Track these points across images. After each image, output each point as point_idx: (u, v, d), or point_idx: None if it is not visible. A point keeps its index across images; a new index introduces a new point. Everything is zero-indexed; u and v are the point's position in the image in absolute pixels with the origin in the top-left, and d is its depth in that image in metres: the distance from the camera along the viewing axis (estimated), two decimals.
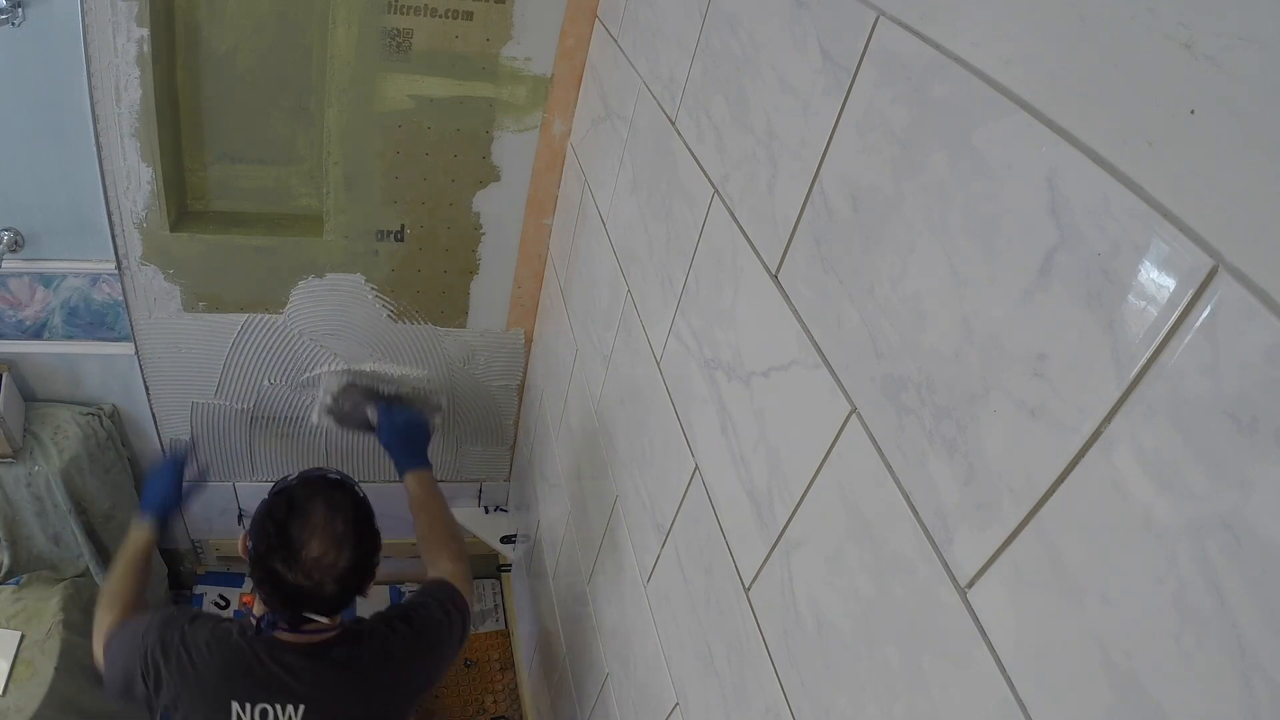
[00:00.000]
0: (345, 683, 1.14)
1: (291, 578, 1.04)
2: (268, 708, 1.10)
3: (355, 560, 1.07)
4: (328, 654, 1.13)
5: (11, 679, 1.59)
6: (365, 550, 1.09)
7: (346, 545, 1.06)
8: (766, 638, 0.84)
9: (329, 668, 1.13)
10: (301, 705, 1.11)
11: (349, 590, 1.08)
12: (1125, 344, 0.45)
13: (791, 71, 0.82)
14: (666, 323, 1.12)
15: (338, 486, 1.12)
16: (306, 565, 1.04)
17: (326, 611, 1.08)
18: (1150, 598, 0.43)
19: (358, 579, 1.09)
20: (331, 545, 1.05)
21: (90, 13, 1.31)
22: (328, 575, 1.05)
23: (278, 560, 1.04)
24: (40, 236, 1.55)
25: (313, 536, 1.05)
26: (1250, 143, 0.39)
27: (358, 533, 1.08)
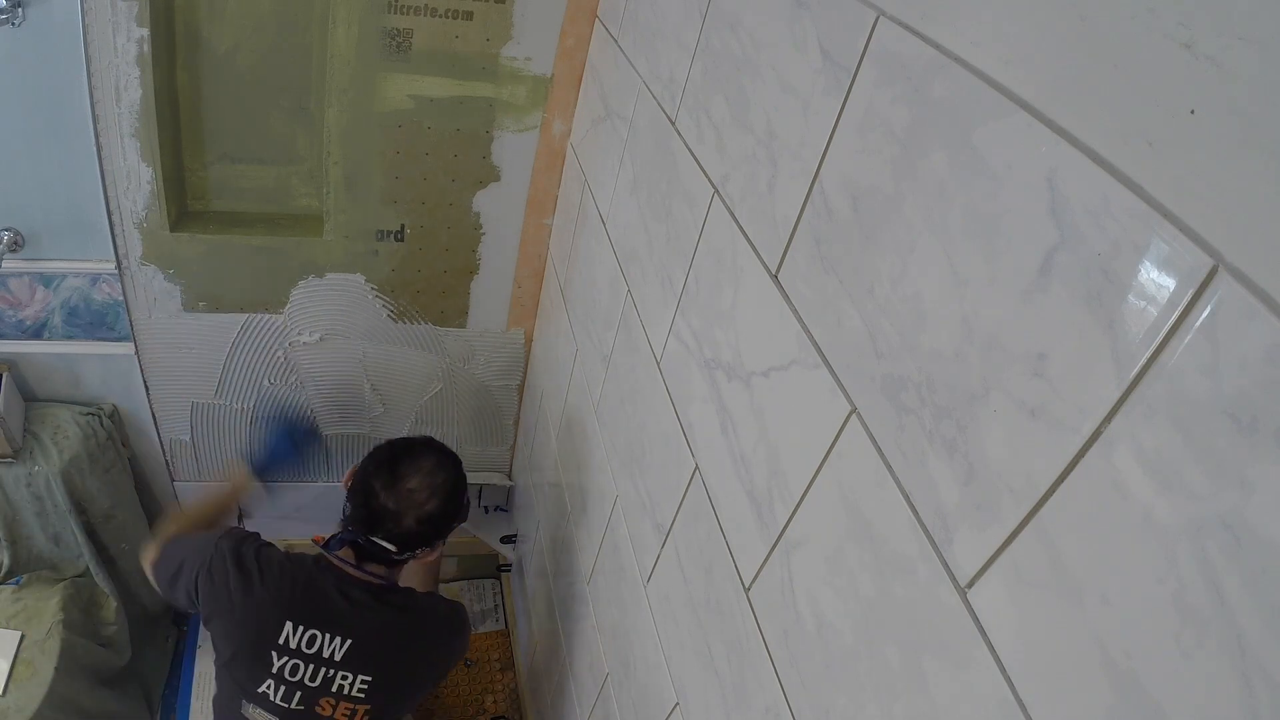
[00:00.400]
0: (392, 626, 1.23)
1: (383, 498, 1.17)
2: (316, 634, 1.18)
3: (440, 510, 1.19)
4: (385, 596, 1.23)
5: (11, 679, 1.59)
6: (450, 509, 1.21)
7: (439, 494, 1.19)
8: (766, 638, 0.84)
9: (384, 608, 1.22)
10: (349, 640, 1.19)
11: (422, 534, 1.19)
12: (1125, 344, 0.45)
13: (791, 71, 0.82)
14: (666, 323, 1.12)
15: (445, 451, 1.26)
16: (400, 493, 1.17)
17: (397, 541, 1.18)
18: (1150, 598, 0.43)
19: (433, 528, 1.20)
20: (428, 488, 1.18)
21: (90, 13, 1.31)
22: (413, 509, 1.17)
23: (379, 480, 1.17)
24: (40, 236, 1.55)
25: (416, 474, 1.18)
26: (1250, 143, 0.39)
27: (450, 491, 1.21)
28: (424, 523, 1.19)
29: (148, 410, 1.87)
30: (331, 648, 1.19)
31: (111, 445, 1.83)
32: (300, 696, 1.20)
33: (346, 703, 1.22)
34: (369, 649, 1.21)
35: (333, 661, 1.19)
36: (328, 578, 1.20)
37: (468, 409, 2.08)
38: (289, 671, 1.19)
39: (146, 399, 1.84)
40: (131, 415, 1.88)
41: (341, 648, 1.19)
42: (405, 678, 1.27)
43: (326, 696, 1.21)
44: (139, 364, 1.77)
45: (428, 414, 2.06)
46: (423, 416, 2.06)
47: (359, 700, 1.22)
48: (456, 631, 1.35)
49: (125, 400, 1.84)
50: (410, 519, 1.18)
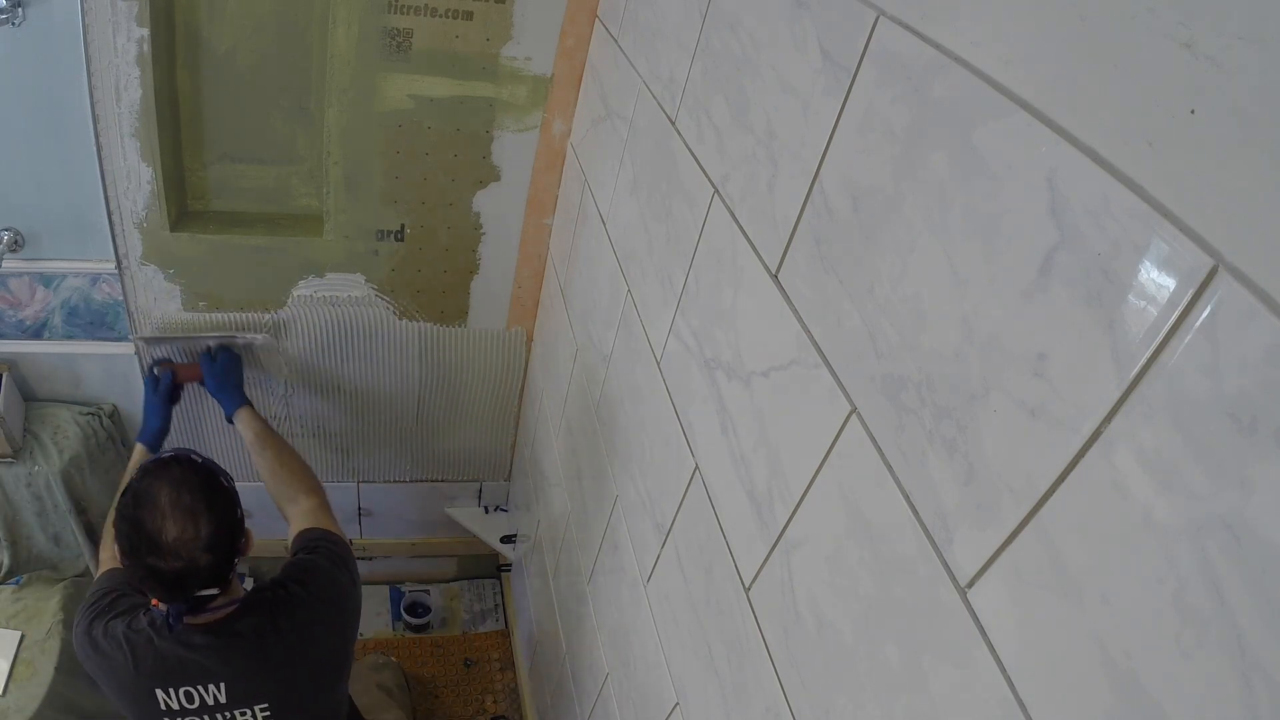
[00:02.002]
0: (255, 654, 1.16)
1: (165, 565, 1.04)
2: (191, 690, 1.13)
3: (215, 525, 1.06)
4: (232, 628, 1.14)
5: (11, 679, 1.59)
6: (220, 512, 1.08)
7: (201, 514, 1.05)
8: (766, 637, 0.84)
9: (236, 641, 1.14)
10: (222, 683, 1.13)
11: (224, 556, 1.08)
12: (1125, 344, 0.45)
13: (791, 71, 0.82)
14: (666, 322, 1.12)
15: (173, 463, 1.11)
16: (171, 548, 1.03)
17: (213, 583, 1.08)
18: (1150, 598, 0.43)
19: (228, 541, 1.09)
20: (186, 520, 1.04)
21: (90, 13, 1.31)
22: (195, 549, 1.04)
23: (145, 555, 1.04)
24: (40, 236, 1.55)
25: (165, 519, 1.04)
26: (1250, 143, 0.39)
27: (207, 499, 1.07)
28: (214, 546, 1.06)
29: None
30: (210, 694, 1.13)
31: (111, 445, 1.83)
32: None
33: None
34: (246, 681, 1.15)
35: (220, 705, 1.14)
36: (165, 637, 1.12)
37: (468, 408, 2.08)
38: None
39: None
40: (131, 415, 1.88)
41: (220, 691, 1.13)
42: (302, 681, 1.21)
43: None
44: (139, 364, 1.77)
45: (427, 414, 2.06)
46: (422, 416, 2.06)
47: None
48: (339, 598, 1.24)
49: (125, 400, 1.84)
50: (202, 559, 1.05)
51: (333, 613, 1.24)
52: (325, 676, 1.26)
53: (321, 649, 1.23)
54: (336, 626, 1.25)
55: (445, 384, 2.01)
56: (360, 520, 2.28)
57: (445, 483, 2.26)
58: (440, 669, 2.26)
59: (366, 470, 2.15)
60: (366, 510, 2.26)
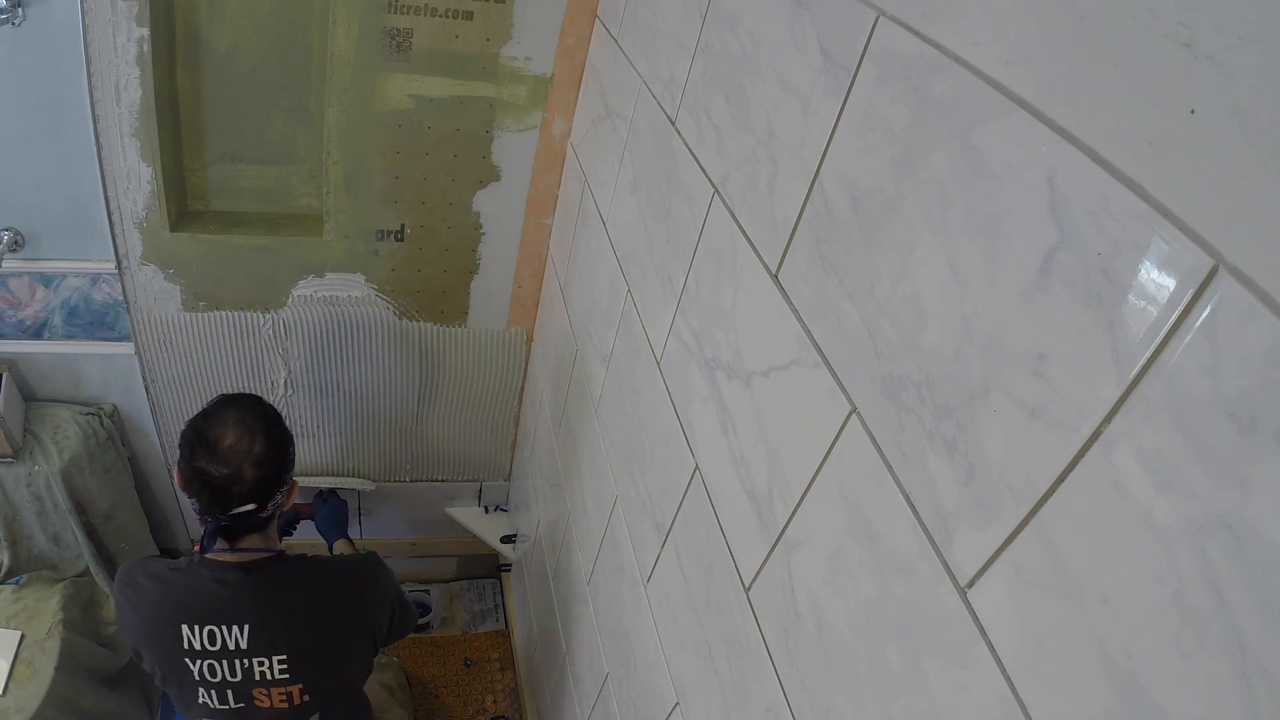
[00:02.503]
0: (283, 598, 1.21)
1: (214, 470, 1.13)
2: (215, 629, 1.17)
3: (268, 446, 1.16)
4: (266, 570, 1.20)
5: (11, 679, 1.59)
6: (276, 438, 1.19)
7: (258, 433, 1.16)
8: (766, 637, 0.84)
9: (269, 582, 1.20)
10: (246, 625, 1.18)
11: (268, 477, 1.16)
12: (1125, 344, 0.45)
13: (792, 71, 0.82)
14: (666, 322, 1.12)
15: (244, 396, 1.23)
16: (224, 454, 1.13)
17: (253, 498, 1.15)
18: (1150, 598, 0.43)
19: (274, 465, 1.17)
20: (244, 434, 1.15)
21: (90, 12, 1.31)
22: (245, 460, 1.14)
23: (201, 458, 1.13)
24: (40, 236, 1.55)
25: (227, 430, 1.15)
26: (1250, 143, 0.39)
27: (266, 423, 1.18)
28: (262, 465, 1.15)
29: (148, 410, 1.87)
30: (233, 637, 1.17)
31: (111, 445, 1.83)
32: (233, 694, 1.20)
33: (277, 688, 1.21)
34: (269, 629, 1.19)
35: (241, 651, 1.18)
36: (201, 573, 1.18)
37: (468, 408, 2.08)
38: (209, 673, 1.18)
39: (146, 399, 1.84)
40: (131, 415, 1.88)
41: (243, 636, 1.18)
42: (321, 644, 1.25)
43: (256, 687, 1.20)
44: (139, 364, 1.77)
45: (427, 414, 2.06)
46: (422, 416, 2.06)
47: (285, 681, 1.21)
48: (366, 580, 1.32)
49: (125, 400, 1.84)
50: (248, 471, 1.14)
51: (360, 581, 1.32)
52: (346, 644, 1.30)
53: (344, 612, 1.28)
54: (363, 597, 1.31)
55: (445, 384, 2.01)
56: (360, 520, 2.28)
57: (445, 483, 2.26)
58: (440, 669, 2.26)
59: (366, 470, 2.15)
60: (366, 510, 2.26)
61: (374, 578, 1.34)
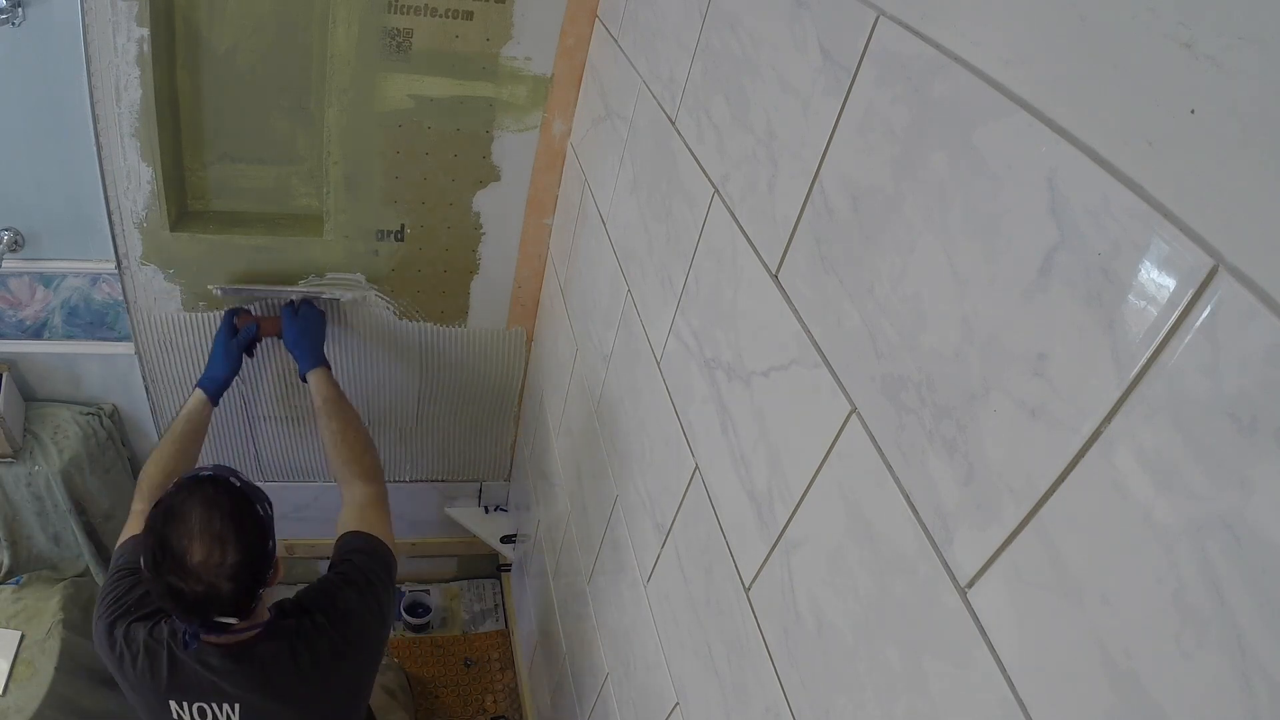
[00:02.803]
0: (273, 683, 1.14)
1: (186, 587, 1.01)
2: (205, 706, 1.11)
3: (243, 554, 1.04)
4: (252, 653, 1.12)
5: (11, 679, 1.59)
6: (250, 542, 1.05)
7: (230, 541, 1.03)
8: (766, 637, 0.84)
9: (256, 668, 1.12)
10: (237, 704, 1.12)
11: (246, 586, 1.05)
12: (1125, 344, 0.45)
13: (792, 71, 0.82)
14: (666, 322, 1.12)
15: (209, 483, 1.08)
16: (195, 570, 1.01)
17: (233, 611, 1.05)
18: (1150, 597, 0.43)
19: (252, 571, 1.05)
20: (214, 544, 1.02)
21: (90, 12, 1.31)
22: (219, 575, 1.02)
23: (168, 573, 1.01)
24: (40, 236, 1.55)
25: (193, 540, 1.01)
26: (1250, 143, 0.39)
27: (237, 526, 1.04)
28: (238, 575, 1.03)
29: (148, 410, 1.87)
30: (225, 712, 1.12)
31: (111, 445, 1.83)
32: None
33: None
34: (260, 707, 1.13)
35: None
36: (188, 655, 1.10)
37: (468, 408, 2.08)
38: None
39: (146, 399, 1.84)
40: (131, 415, 1.88)
41: (235, 712, 1.12)
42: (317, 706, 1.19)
43: None
44: (139, 364, 1.77)
45: (427, 414, 2.06)
46: (422, 416, 2.06)
47: None
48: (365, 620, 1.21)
49: (125, 400, 1.84)
50: (225, 585, 1.02)
51: (356, 648, 1.21)
52: (344, 707, 1.24)
53: (342, 683, 1.20)
54: (359, 662, 1.23)
55: (445, 384, 2.01)
56: None
57: (445, 483, 2.26)
58: (440, 669, 2.26)
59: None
60: None
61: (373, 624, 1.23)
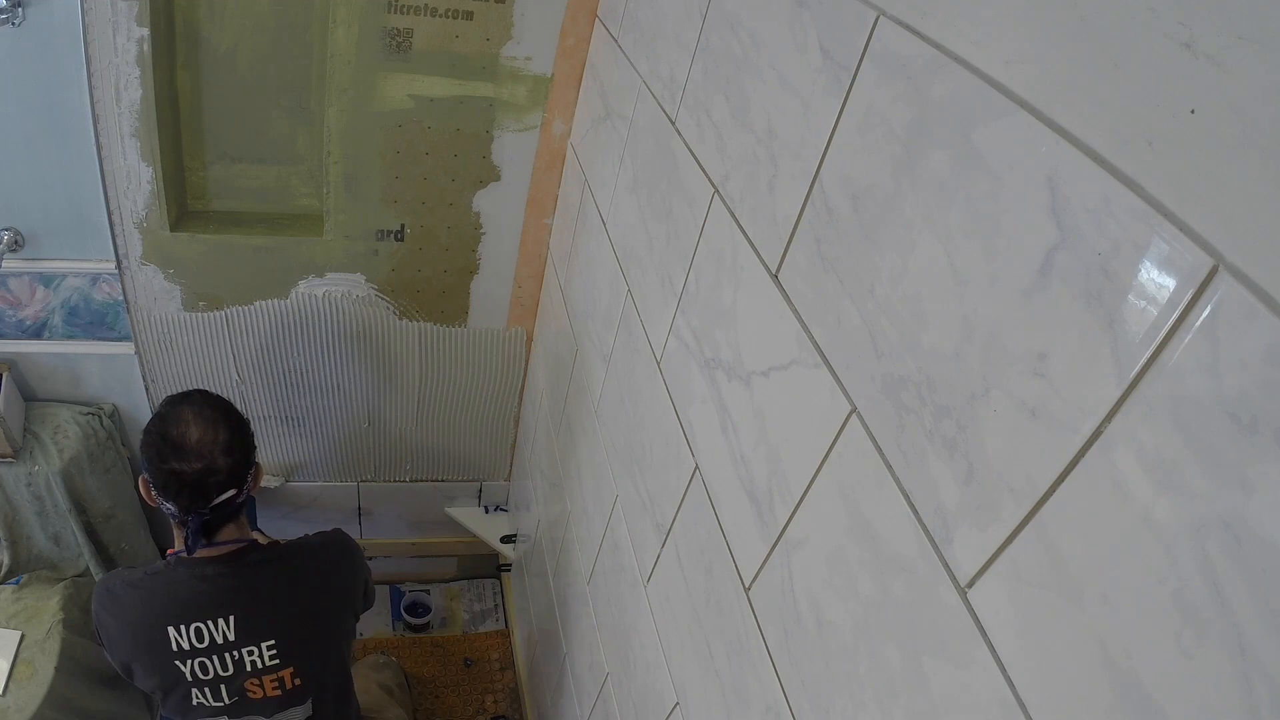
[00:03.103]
0: (263, 582, 1.23)
1: (187, 467, 1.14)
2: (201, 626, 1.18)
3: (232, 431, 1.18)
4: (244, 558, 1.22)
5: (11, 679, 1.59)
6: (236, 422, 1.20)
7: (220, 422, 1.18)
8: (766, 637, 0.84)
9: (248, 569, 1.22)
10: (231, 616, 1.19)
11: (239, 462, 1.18)
12: (1125, 343, 0.45)
13: (792, 71, 0.82)
14: (666, 322, 1.12)
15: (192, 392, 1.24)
16: (194, 449, 1.14)
17: (231, 484, 1.18)
18: (1150, 597, 0.43)
19: (242, 449, 1.20)
20: (208, 425, 1.16)
21: (90, 12, 1.31)
22: (216, 450, 1.15)
23: (171, 459, 1.14)
24: (40, 236, 1.55)
25: (189, 426, 1.15)
26: (1250, 143, 0.39)
27: (224, 411, 1.20)
28: (232, 450, 1.17)
29: (148, 410, 1.87)
30: (220, 630, 1.18)
31: (111, 445, 1.83)
32: (226, 690, 1.21)
33: (268, 675, 1.22)
34: (255, 616, 1.20)
35: (229, 643, 1.19)
36: (179, 573, 1.19)
37: (468, 408, 2.08)
38: (200, 671, 1.19)
39: (146, 399, 1.84)
40: (131, 415, 1.88)
41: (229, 627, 1.19)
42: (307, 624, 1.27)
43: (248, 679, 1.21)
44: (139, 364, 1.77)
45: (427, 414, 2.06)
46: (422, 416, 2.06)
47: (275, 667, 1.23)
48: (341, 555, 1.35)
49: (125, 400, 1.84)
50: (221, 459, 1.16)
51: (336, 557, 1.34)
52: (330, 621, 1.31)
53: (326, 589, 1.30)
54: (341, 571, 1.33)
55: (445, 384, 2.01)
56: (360, 520, 2.28)
57: (445, 483, 2.26)
58: (440, 669, 2.26)
59: (366, 470, 2.15)
60: (366, 510, 2.26)
61: (348, 553, 1.37)
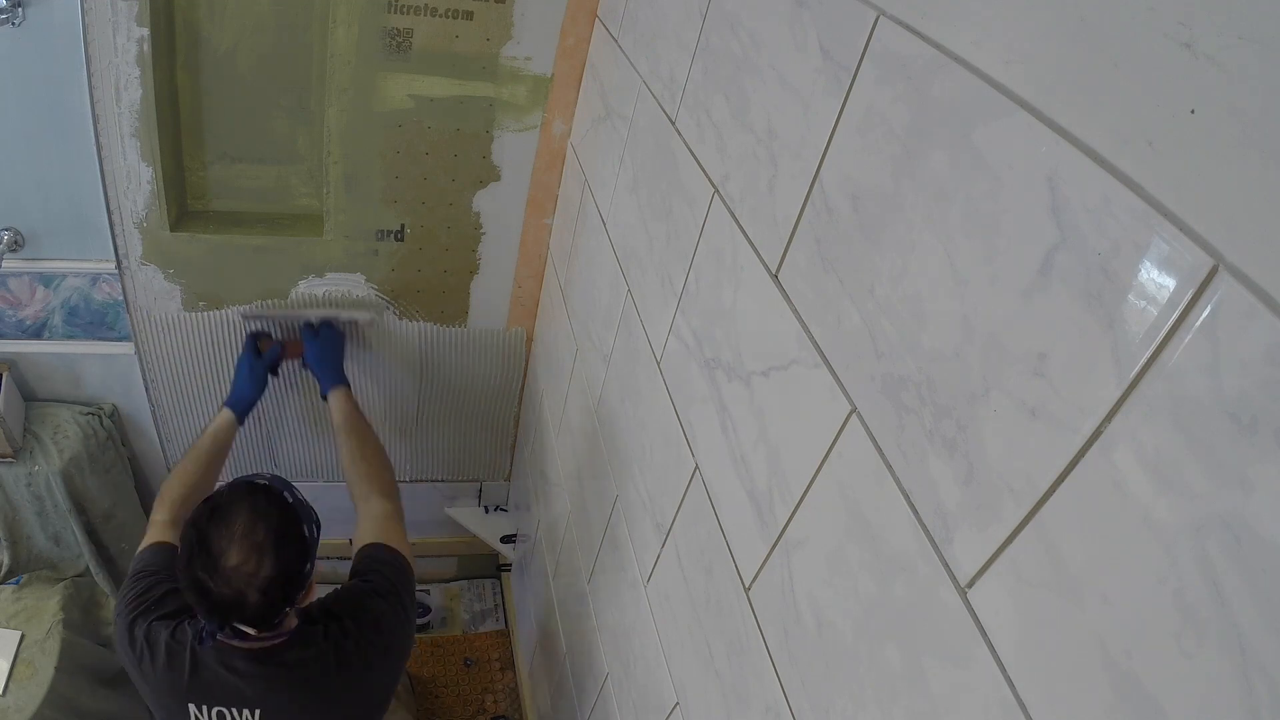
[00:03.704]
0: (298, 688, 1.13)
1: (214, 586, 1.00)
2: (224, 710, 1.10)
3: (278, 569, 1.02)
4: (280, 658, 1.11)
5: (11, 679, 1.59)
6: (289, 558, 1.04)
7: (268, 553, 1.02)
8: (766, 637, 0.84)
9: (281, 671, 1.11)
10: (257, 709, 1.10)
11: (274, 601, 1.03)
12: (1125, 343, 0.45)
13: (792, 71, 0.82)
14: (666, 322, 1.12)
15: (263, 491, 1.07)
16: (227, 573, 1.00)
17: (254, 623, 1.05)
18: (1150, 597, 0.43)
19: (283, 589, 1.04)
20: (252, 553, 1.01)
21: (90, 12, 1.31)
22: (250, 585, 1.01)
23: (199, 568, 1.01)
24: (40, 236, 1.55)
25: (232, 544, 1.01)
26: (1250, 143, 0.39)
27: (279, 540, 1.03)
28: (269, 589, 1.01)
29: (148, 410, 1.87)
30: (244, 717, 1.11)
31: (111, 445, 1.83)
32: None
33: None
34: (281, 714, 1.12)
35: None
36: (208, 654, 1.09)
37: (468, 408, 2.08)
38: None
39: (146, 399, 1.84)
40: (131, 415, 1.88)
41: (255, 717, 1.11)
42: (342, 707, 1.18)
43: None
44: (139, 364, 1.77)
45: (427, 414, 2.06)
46: (422, 416, 2.06)
47: None
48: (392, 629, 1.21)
49: (125, 400, 1.84)
50: (253, 596, 1.01)
51: (384, 656, 1.21)
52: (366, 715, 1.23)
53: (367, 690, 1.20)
54: (386, 670, 1.22)
55: (445, 384, 2.01)
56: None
57: (445, 483, 2.26)
58: (440, 669, 2.26)
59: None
60: None
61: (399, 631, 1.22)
